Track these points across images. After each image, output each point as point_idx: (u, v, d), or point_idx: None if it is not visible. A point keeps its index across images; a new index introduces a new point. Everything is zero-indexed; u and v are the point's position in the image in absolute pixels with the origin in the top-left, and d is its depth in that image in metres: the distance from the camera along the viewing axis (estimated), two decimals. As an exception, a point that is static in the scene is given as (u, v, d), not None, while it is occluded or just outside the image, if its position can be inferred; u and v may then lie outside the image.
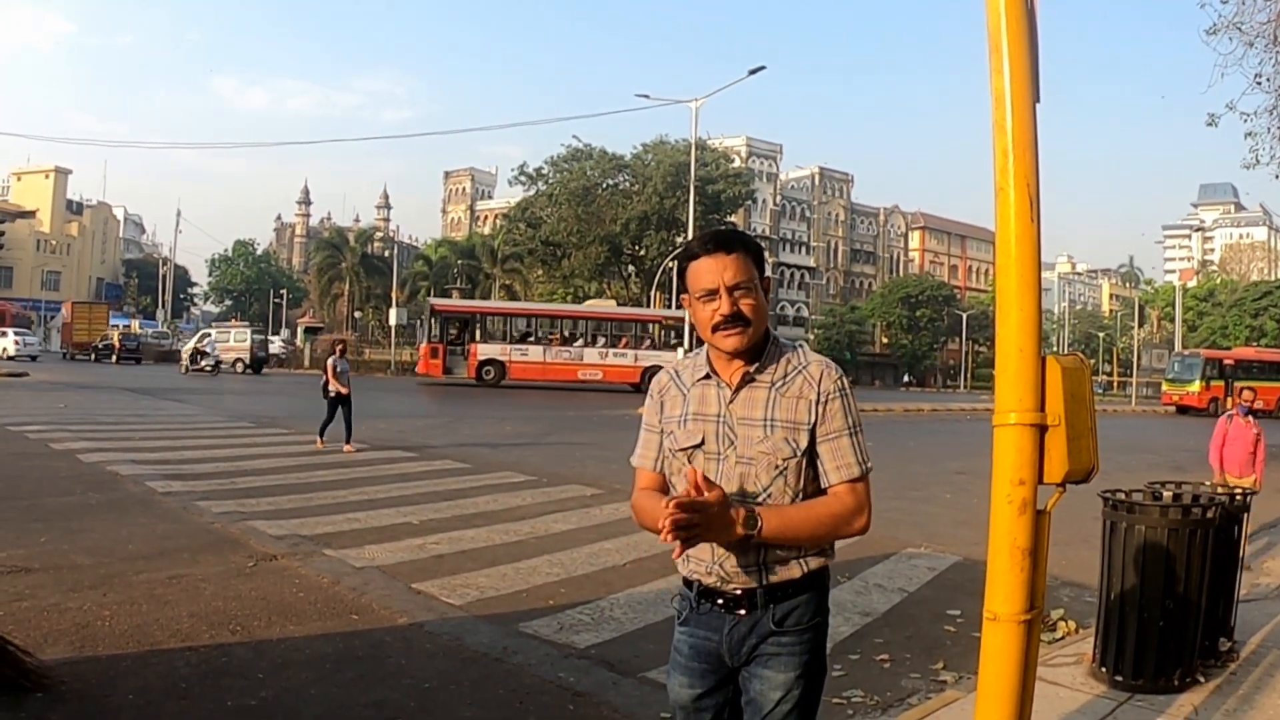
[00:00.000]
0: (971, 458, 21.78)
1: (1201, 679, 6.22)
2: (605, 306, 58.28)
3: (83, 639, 6.40)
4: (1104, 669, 6.26)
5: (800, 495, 2.82)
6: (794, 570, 2.84)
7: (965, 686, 6.09)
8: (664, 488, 3.00)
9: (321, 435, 18.10)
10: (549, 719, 5.52)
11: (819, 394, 2.82)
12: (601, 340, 50.96)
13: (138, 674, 5.83)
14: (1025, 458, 2.92)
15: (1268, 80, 17.90)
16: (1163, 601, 6.10)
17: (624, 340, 50.65)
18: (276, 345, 69.39)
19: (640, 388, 46.10)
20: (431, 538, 10.13)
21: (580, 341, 50.91)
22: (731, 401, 2.86)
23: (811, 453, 2.82)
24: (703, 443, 2.88)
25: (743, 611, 2.87)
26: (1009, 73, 2.95)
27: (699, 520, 2.56)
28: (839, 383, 2.85)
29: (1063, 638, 7.48)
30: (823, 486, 2.84)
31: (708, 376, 2.92)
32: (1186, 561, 6.12)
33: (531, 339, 51.23)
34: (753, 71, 44.85)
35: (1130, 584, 6.21)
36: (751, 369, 2.86)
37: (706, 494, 2.57)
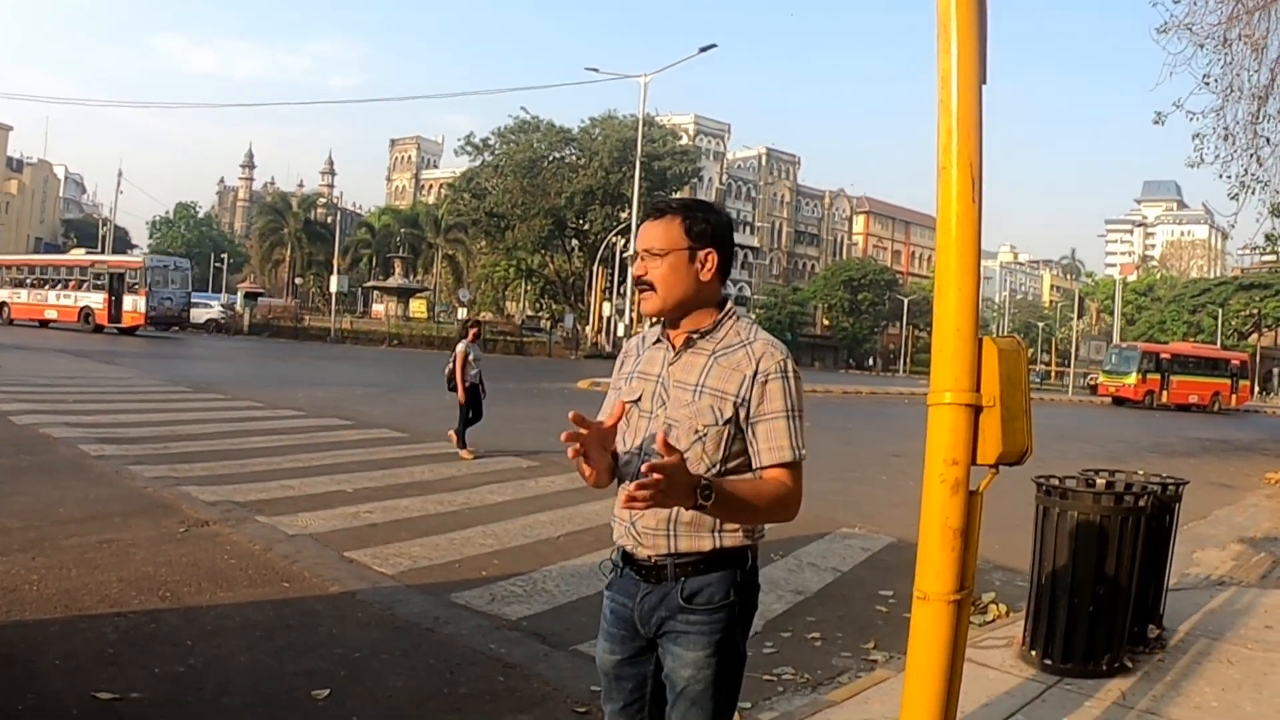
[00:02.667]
0: (909, 441, 21.92)
1: (1130, 665, 6.29)
2: (71, 256, 60.12)
3: (9, 603, 6.29)
4: (1034, 652, 6.32)
5: (718, 466, 2.81)
6: (704, 542, 2.83)
7: (895, 666, 6.14)
8: None
9: (464, 442, 14.55)
10: (479, 690, 5.51)
11: (756, 370, 2.80)
12: (59, 285, 53.26)
13: (65, 639, 5.75)
14: (959, 438, 2.93)
15: (1215, 81, 18.07)
16: (1093, 587, 6.16)
17: (69, 285, 52.69)
18: (216, 310, 68.48)
19: (46, 324, 51.00)
20: (365, 506, 10.06)
21: (47, 286, 53.66)
22: (672, 364, 2.91)
23: (738, 426, 2.81)
24: (640, 400, 2.93)
25: (654, 581, 2.89)
26: (956, 52, 2.95)
27: (663, 483, 2.51)
28: (782, 365, 2.82)
29: (993, 620, 7.55)
30: (754, 467, 2.83)
31: (659, 340, 2.99)
32: (1118, 548, 6.18)
33: (24, 285, 54.73)
34: (703, 49, 45.00)
35: (1062, 569, 6.26)
36: (694, 334, 2.90)
37: (667, 457, 2.53)
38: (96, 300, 50.01)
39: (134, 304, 48.84)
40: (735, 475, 2.83)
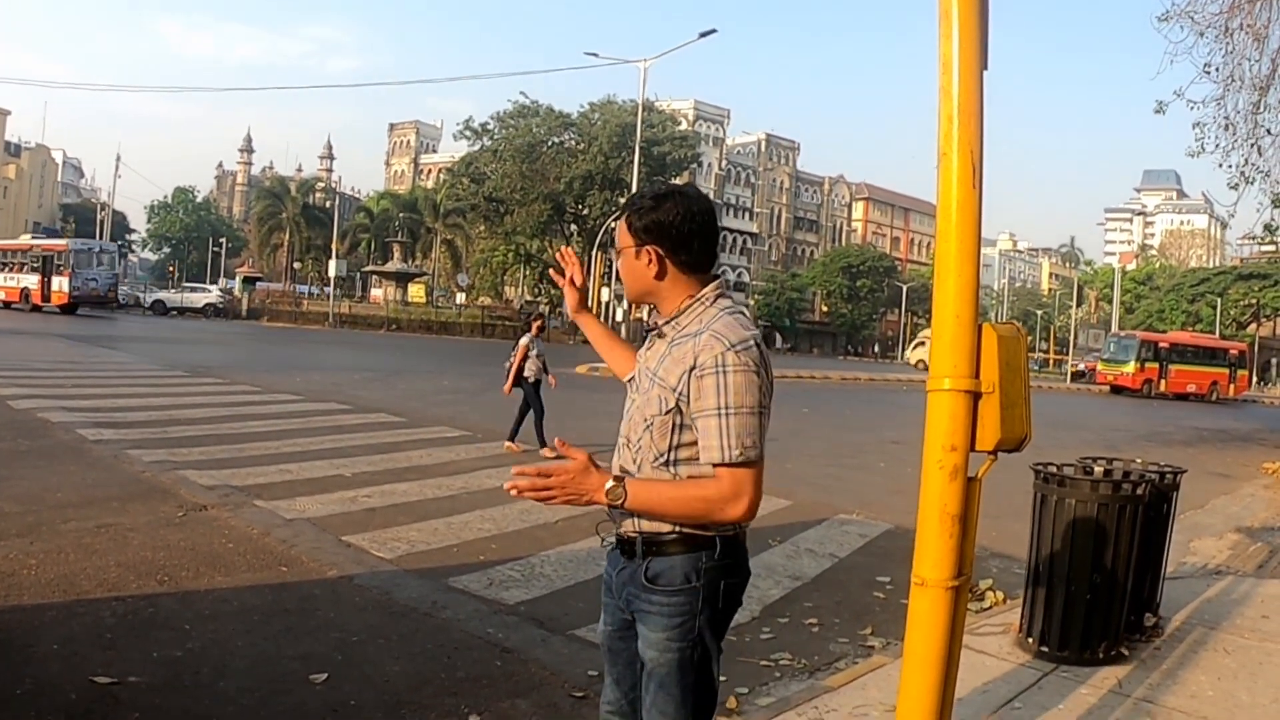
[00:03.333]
0: (907, 428, 21.94)
1: (1126, 653, 6.30)
2: (17, 241, 61.55)
3: (7, 588, 6.29)
4: (1030, 639, 6.33)
5: (668, 456, 2.81)
6: (663, 524, 2.84)
7: (892, 652, 6.15)
8: None
9: (543, 440, 14.07)
10: (477, 674, 5.51)
11: (695, 364, 2.74)
12: (6, 268, 55.50)
13: (63, 624, 5.75)
14: (958, 424, 2.93)
15: (1216, 70, 18.03)
16: (1090, 575, 6.16)
17: (13, 267, 55.04)
18: (214, 294, 68.69)
19: (9, 305, 53.20)
20: (363, 490, 10.07)
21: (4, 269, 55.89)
22: (648, 349, 2.99)
23: (683, 418, 2.79)
24: (631, 382, 3.07)
25: (628, 556, 2.94)
26: (958, 38, 2.94)
27: (548, 488, 2.75)
28: (720, 358, 2.70)
29: (990, 608, 7.55)
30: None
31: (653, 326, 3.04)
32: (1115, 536, 6.19)
33: None
34: (703, 34, 44.81)
35: (1059, 556, 6.27)
36: (660, 321, 2.96)
37: (571, 457, 2.71)
38: (33, 282, 53.00)
39: (60, 285, 51.66)
40: (686, 467, 2.81)
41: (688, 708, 2.92)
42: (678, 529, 2.83)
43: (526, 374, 14.49)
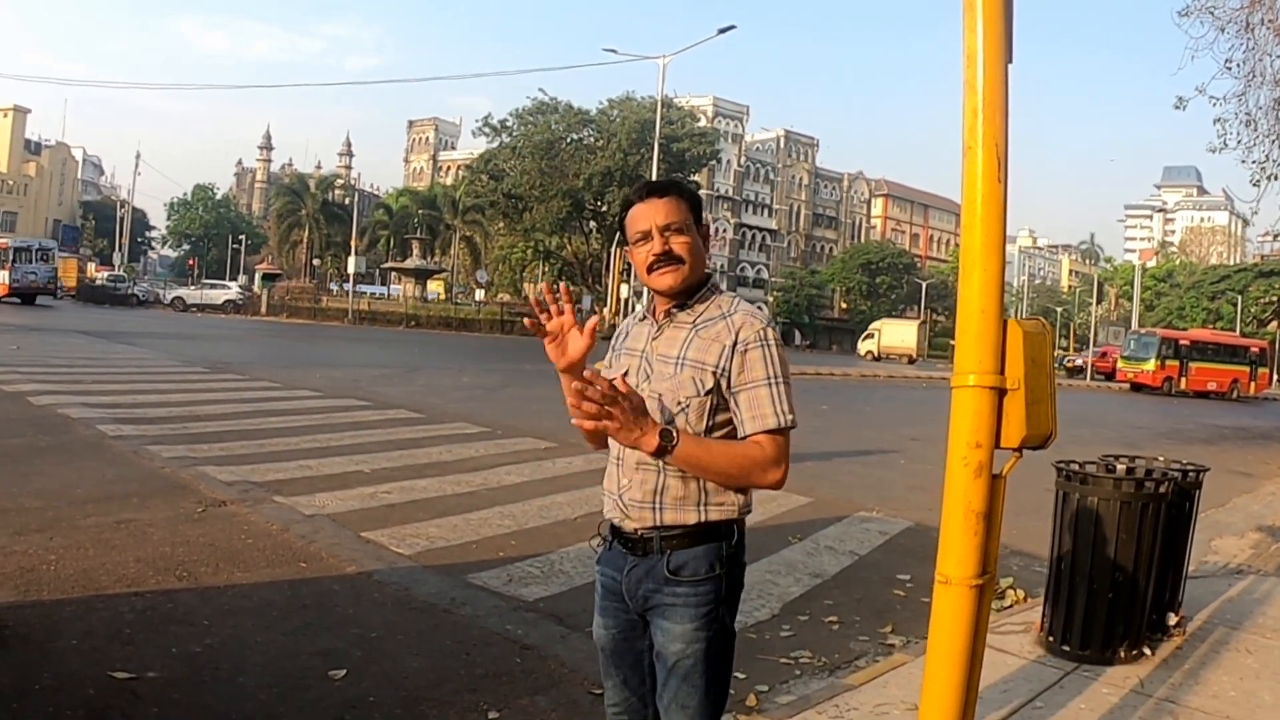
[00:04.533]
0: (927, 424, 21.86)
1: (1148, 652, 6.26)
2: None
3: (27, 583, 6.31)
4: (1052, 638, 6.30)
5: (701, 436, 2.84)
6: (690, 515, 2.88)
7: (913, 650, 6.12)
8: None
9: None
10: (496, 671, 5.50)
11: (736, 340, 2.84)
12: None
13: (82, 619, 5.77)
14: (983, 420, 2.89)
15: (1237, 66, 17.95)
16: (1112, 573, 6.13)
17: None
18: (234, 291, 69.17)
19: None
20: (383, 486, 10.07)
21: None
22: (655, 338, 2.98)
23: (721, 397, 2.85)
24: (626, 375, 3.00)
25: (640, 554, 2.94)
26: (982, 31, 2.91)
27: (616, 407, 2.63)
28: (761, 334, 2.85)
29: (1011, 606, 7.52)
30: (740, 436, 2.85)
31: (644, 317, 3.08)
32: (1137, 535, 6.15)
33: None
34: (722, 30, 44.78)
35: (1081, 555, 6.23)
36: (674, 309, 2.97)
37: (627, 392, 2.69)
38: None
39: (3, 277, 54.80)
40: None
41: (711, 698, 2.94)
42: (702, 519, 2.87)
43: None
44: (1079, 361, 75.53)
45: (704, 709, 2.93)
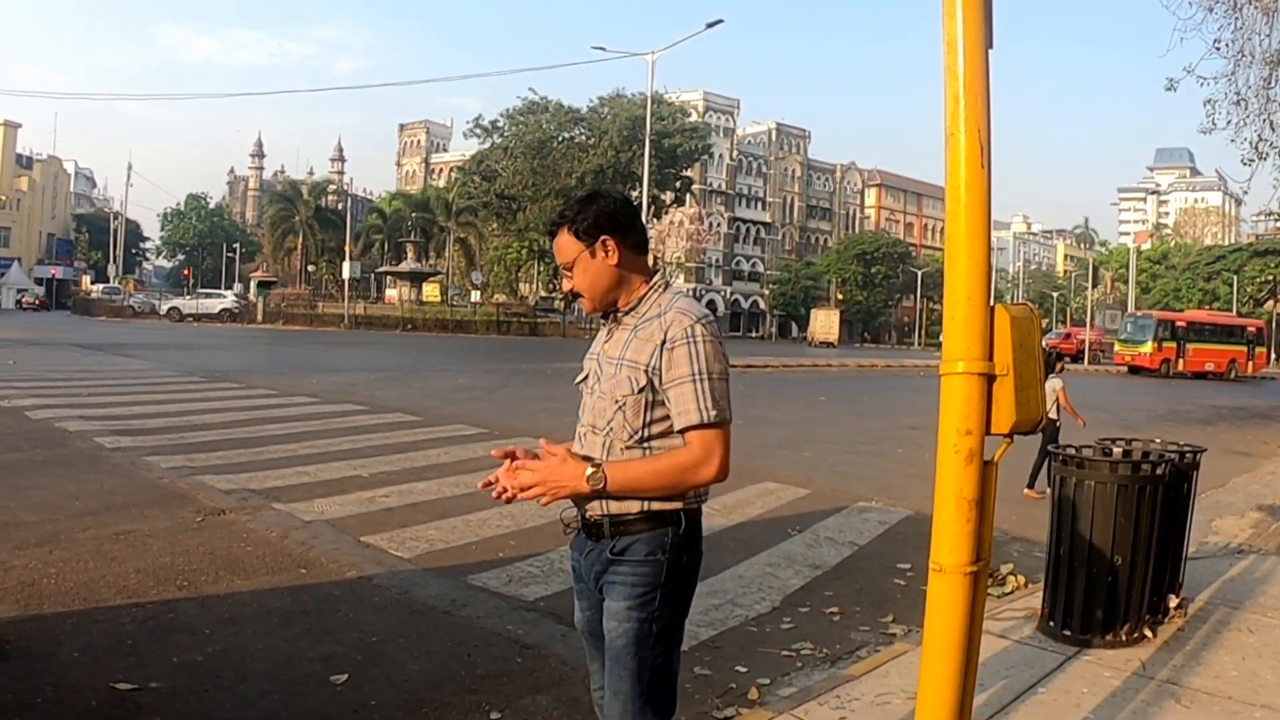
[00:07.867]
0: (924, 413, 21.84)
1: (1150, 634, 6.26)
2: None
3: (28, 597, 6.31)
4: (1053, 623, 6.30)
5: (642, 432, 2.98)
6: (633, 505, 2.98)
7: (914, 639, 6.12)
8: None
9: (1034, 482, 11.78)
10: (497, 671, 5.50)
11: (665, 339, 2.93)
12: None
13: (83, 631, 5.77)
14: (972, 407, 2.90)
15: (1226, 46, 17.98)
16: (1112, 557, 6.13)
17: None
18: (230, 299, 69.11)
19: None
20: (381, 490, 10.07)
21: None
22: (606, 341, 3.16)
23: (655, 394, 2.96)
24: (586, 377, 3.22)
25: (595, 538, 3.08)
26: (961, 16, 2.90)
27: (532, 479, 3.00)
28: (689, 330, 2.91)
29: (1011, 592, 7.52)
30: (675, 431, 2.95)
31: (603, 322, 3.22)
32: (1136, 517, 6.15)
33: None
34: (710, 25, 44.74)
35: (1080, 539, 6.24)
36: (619, 312, 3.13)
37: (547, 451, 3.03)
38: None
39: None
40: (659, 441, 2.98)
41: (642, 684, 3.01)
42: (645, 508, 2.98)
43: (1053, 415, 12.27)
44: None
45: (635, 698, 3.00)
